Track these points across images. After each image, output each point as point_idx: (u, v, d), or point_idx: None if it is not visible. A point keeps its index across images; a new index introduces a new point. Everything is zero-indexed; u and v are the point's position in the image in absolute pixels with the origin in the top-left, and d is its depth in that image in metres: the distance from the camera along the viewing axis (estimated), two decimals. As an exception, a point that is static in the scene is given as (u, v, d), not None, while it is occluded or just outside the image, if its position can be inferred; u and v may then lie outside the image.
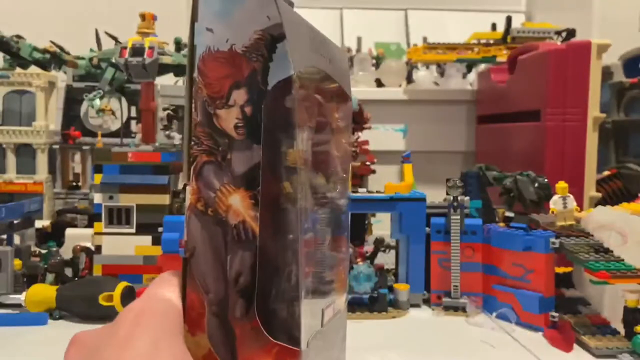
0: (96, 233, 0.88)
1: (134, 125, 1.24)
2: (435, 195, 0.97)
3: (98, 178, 0.87)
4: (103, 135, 1.20)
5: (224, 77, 0.30)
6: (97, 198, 0.87)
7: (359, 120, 1.18)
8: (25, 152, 1.24)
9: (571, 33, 1.47)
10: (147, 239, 0.87)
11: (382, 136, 1.40)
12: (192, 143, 0.31)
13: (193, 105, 0.31)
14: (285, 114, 0.30)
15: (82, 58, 1.13)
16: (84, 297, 0.75)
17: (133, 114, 1.24)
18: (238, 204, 0.30)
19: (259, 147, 0.30)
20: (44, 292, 0.77)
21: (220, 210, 0.30)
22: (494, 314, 0.78)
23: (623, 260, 0.71)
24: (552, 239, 0.76)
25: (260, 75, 0.30)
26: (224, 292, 0.30)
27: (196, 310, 0.31)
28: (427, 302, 0.86)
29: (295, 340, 0.31)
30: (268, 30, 0.30)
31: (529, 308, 0.76)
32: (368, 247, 0.99)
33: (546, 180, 0.92)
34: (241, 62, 0.30)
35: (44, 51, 1.15)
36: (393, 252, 0.96)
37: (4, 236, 0.89)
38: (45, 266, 0.84)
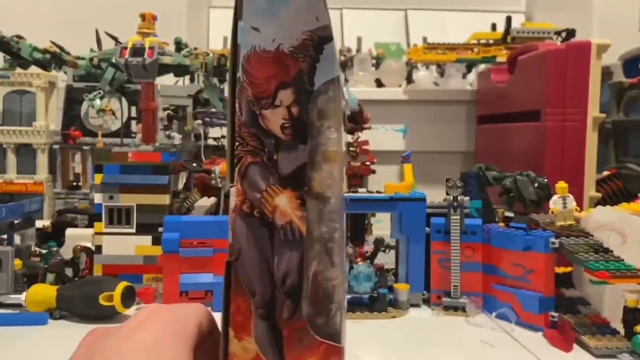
0: (96, 233, 0.88)
1: (134, 125, 1.24)
2: (435, 195, 0.97)
3: (98, 178, 0.87)
4: (103, 135, 1.20)
5: (270, 77, 0.30)
6: (98, 198, 0.87)
7: (359, 120, 1.18)
8: (25, 152, 1.24)
9: (571, 33, 1.47)
10: (147, 239, 0.87)
11: (382, 136, 1.40)
12: (237, 144, 0.30)
13: (237, 105, 0.31)
14: (320, 113, 0.31)
15: (82, 58, 1.13)
16: (84, 297, 0.75)
17: (133, 114, 1.24)
18: (285, 205, 0.30)
19: (305, 147, 0.30)
20: (44, 292, 0.77)
21: (267, 211, 0.30)
22: (494, 314, 0.79)
23: (623, 260, 0.71)
24: (552, 239, 0.76)
25: (307, 76, 0.30)
26: (271, 293, 0.31)
27: (242, 314, 0.31)
28: (427, 302, 0.86)
29: (337, 338, 0.31)
30: (316, 32, 0.30)
31: (529, 308, 0.76)
32: (368, 247, 0.99)
33: (546, 180, 0.92)
34: (288, 62, 0.30)
35: (44, 51, 1.15)
36: (393, 252, 0.96)
37: (5, 236, 0.89)
38: (46, 266, 0.84)
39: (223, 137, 1.51)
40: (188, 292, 0.82)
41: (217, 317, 0.90)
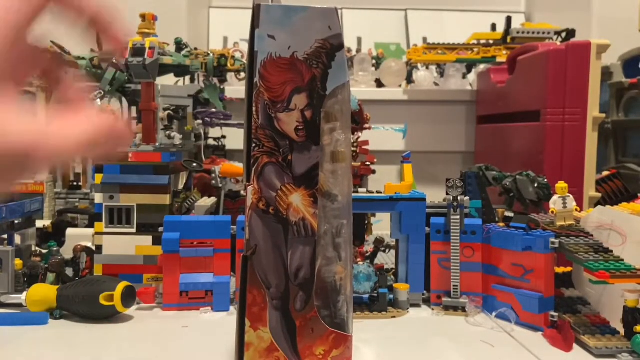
0: (97, 233, 0.88)
1: (134, 125, 1.24)
2: (435, 195, 0.97)
3: (99, 178, 0.87)
4: (103, 135, 1.20)
5: (285, 82, 0.33)
6: (98, 198, 0.88)
7: (359, 120, 1.18)
8: (25, 152, 1.24)
9: (571, 33, 1.47)
10: (147, 239, 0.87)
11: (382, 136, 1.40)
12: (253, 145, 0.33)
13: (254, 108, 0.33)
14: (330, 116, 0.33)
15: (83, 58, 1.13)
16: (84, 296, 0.76)
17: (133, 114, 1.24)
18: (298, 202, 0.33)
19: (317, 148, 0.33)
20: (45, 292, 0.77)
21: (281, 208, 0.33)
22: (494, 314, 0.79)
23: (622, 260, 0.71)
24: (552, 239, 0.77)
25: (319, 81, 0.32)
26: (285, 286, 0.33)
27: (258, 306, 0.33)
28: (427, 301, 0.86)
29: (345, 327, 0.35)
30: (329, 40, 0.32)
31: (529, 308, 0.76)
32: (368, 247, 0.99)
33: (546, 180, 0.93)
34: (302, 68, 0.33)
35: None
36: (393, 252, 0.96)
37: (5, 236, 0.90)
38: (46, 266, 0.85)
39: (223, 137, 1.51)
40: (188, 292, 0.82)
41: (218, 317, 0.90)
